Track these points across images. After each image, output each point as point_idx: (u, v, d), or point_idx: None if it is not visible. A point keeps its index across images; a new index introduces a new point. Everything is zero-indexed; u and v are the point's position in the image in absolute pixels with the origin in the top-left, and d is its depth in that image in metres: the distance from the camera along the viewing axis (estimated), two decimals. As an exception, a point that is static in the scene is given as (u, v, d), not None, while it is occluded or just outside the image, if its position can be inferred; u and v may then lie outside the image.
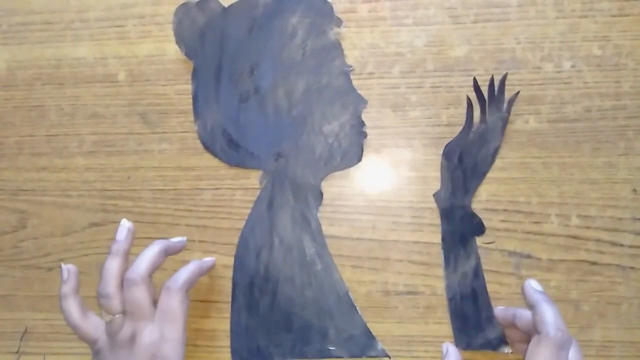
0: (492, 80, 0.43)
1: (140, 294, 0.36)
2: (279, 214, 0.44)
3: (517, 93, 0.43)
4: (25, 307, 0.47)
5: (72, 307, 0.38)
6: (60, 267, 0.39)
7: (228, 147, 0.45)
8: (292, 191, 0.44)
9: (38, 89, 0.48)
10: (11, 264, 0.47)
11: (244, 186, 0.45)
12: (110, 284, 0.37)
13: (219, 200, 0.46)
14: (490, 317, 0.42)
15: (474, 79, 0.42)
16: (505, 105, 0.43)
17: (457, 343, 0.42)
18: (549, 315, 0.34)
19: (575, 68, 0.44)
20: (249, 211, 0.45)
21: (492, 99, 0.43)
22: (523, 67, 0.44)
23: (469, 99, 0.43)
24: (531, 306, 0.35)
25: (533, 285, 0.37)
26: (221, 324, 0.44)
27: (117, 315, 0.36)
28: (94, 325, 0.38)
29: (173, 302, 0.36)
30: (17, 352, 0.47)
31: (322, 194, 0.44)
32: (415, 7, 0.45)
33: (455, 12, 0.45)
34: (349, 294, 0.43)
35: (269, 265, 0.43)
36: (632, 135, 0.43)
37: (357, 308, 0.43)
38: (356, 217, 0.44)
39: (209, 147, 0.45)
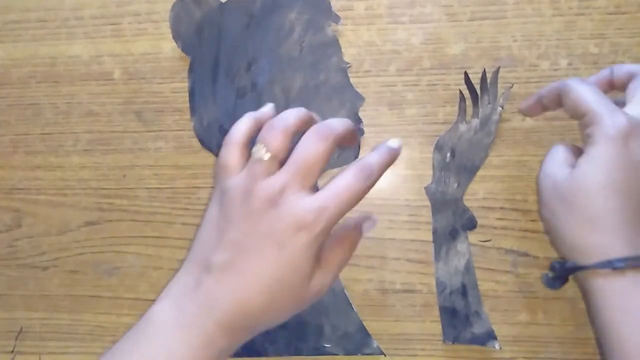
0: (484, 75, 0.43)
1: (323, 151, 0.28)
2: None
3: (511, 86, 0.43)
4: (20, 307, 0.47)
5: (245, 126, 0.32)
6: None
7: (224, 143, 0.45)
8: (288, 189, 0.44)
9: (33, 87, 0.48)
10: (6, 263, 0.47)
11: (241, 184, 0.45)
12: (290, 121, 0.29)
13: (215, 199, 0.45)
14: (480, 312, 0.42)
15: (465, 73, 0.42)
16: (500, 99, 0.43)
17: (446, 337, 0.42)
18: (584, 97, 0.32)
19: (572, 66, 0.44)
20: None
21: (484, 93, 0.43)
22: (519, 65, 0.44)
23: (461, 93, 0.43)
24: (629, 77, 0.34)
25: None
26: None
27: (271, 156, 0.29)
28: (244, 159, 0.31)
29: (357, 187, 0.28)
30: (12, 352, 0.46)
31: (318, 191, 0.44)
32: (411, 5, 0.45)
33: (451, 9, 0.45)
34: (345, 291, 0.43)
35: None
36: (628, 133, 0.43)
37: (352, 305, 0.43)
38: (353, 215, 0.44)
39: (205, 144, 0.45)
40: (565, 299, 0.42)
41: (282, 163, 0.29)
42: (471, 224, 0.43)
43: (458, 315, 0.42)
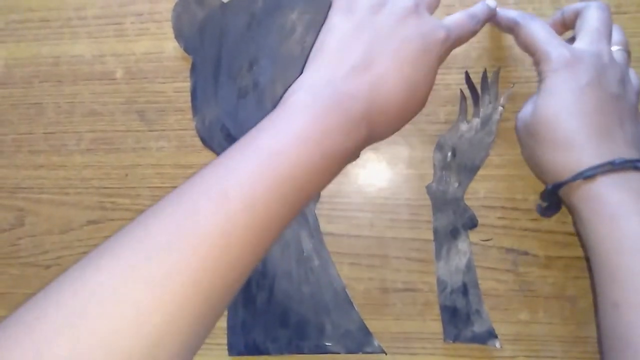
0: (484, 74, 0.43)
1: None
2: (277, 210, 0.44)
3: (512, 86, 0.43)
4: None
5: None
6: None
7: (226, 142, 0.45)
8: (290, 188, 0.44)
9: (36, 87, 0.48)
10: (9, 262, 0.47)
11: (242, 183, 0.45)
12: None
13: (217, 198, 0.46)
14: (480, 311, 0.42)
15: (466, 72, 0.42)
16: (501, 99, 0.43)
17: (446, 336, 0.42)
18: (533, 36, 0.36)
19: (573, 65, 0.44)
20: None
21: (485, 93, 0.43)
22: (520, 64, 0.44)
23: (461, 92, 0.43)
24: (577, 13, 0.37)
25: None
26: (219, 321, 0.44)
27: None
28: None
29: (470, 26, 0.36)
30: (15, 350, 0.47)
31: (319, 190, 0.44)
32: (412, 5, 0.45)
33: (452, 9, 0.45)
34: (346, 290, 0.43)
35: (266, 260, 0.44)
36: (629, 133, 0.43)
37: (353, 304, 0.43)
38: (354, 214, 0.45)
39: (207, 143, 0.45)
40: (565, 298, 0.42)
41: None
42: (472, 223, 0.43)
43: (459, 314, 0.42)
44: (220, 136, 0.45)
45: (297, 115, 0.29)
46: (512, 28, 0.38)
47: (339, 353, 0.42)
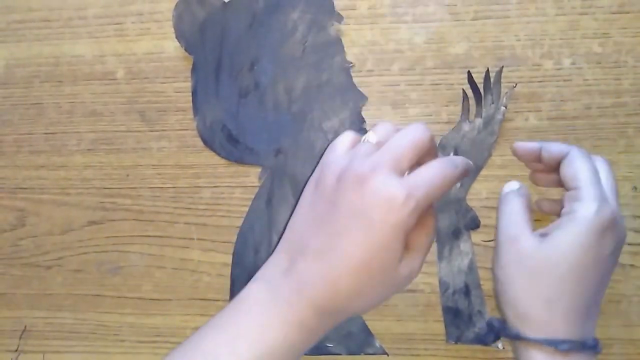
0: (487, 74, 0.42)
1: (423, 138, 0.28)
2: (278, 210, 0.44)
3: (515, 86, 0.42)
4: (24, 306, 0.47)
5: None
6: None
7: (227, 142, 0.45)
8: (291, 187, 0.44)
9: (36, 87, 0.48)
10: (10, 262, 0.47)
11: (243, 184, 0.45)
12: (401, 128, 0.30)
13: (218, 199, 0.45)
14: (483, 312, 0.42)
15: (469, 72, 0.42)
16: (503, 99, 0.42)
17: (449, 337, 0.42)
18: (584, 173, 0.31)
19: (575, 65, 0.44)
20: (248, 209, 0.45)
21: (488, 93, 0.43)
22: (523, 64, 0.44)
23: (464, 92, 0.43)
24: (560, 158, 0.33)
25: (519, 144, 0.35)
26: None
27: (377, 142, 0.29)
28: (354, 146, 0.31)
29: (446, 176, 0.28)
30: (16, 351, 0.47)
31: (321, 191, 0.44)
32: (414, 4, 0.45)
33: (454, 9, 0.44)
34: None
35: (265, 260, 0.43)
36: (632, 133, 0.43)
37: (356, 306, 0.43)
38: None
39: (208, 143, 0.45)
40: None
41: None
42: (474, 224, 0.43)
43: (461, 315, 0.42)
44: (221, 136, 0.45)
45: (256, 309, 0.29)
46: (559, 158, 0.34)
47: (341, 354, 0.42)
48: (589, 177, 0.31)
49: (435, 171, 0.28)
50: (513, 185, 0.34)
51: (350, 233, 0.28)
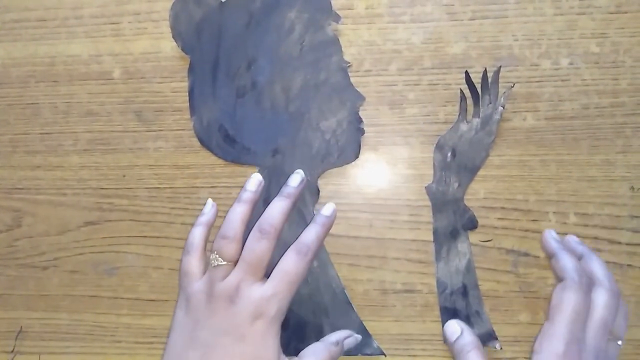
0: (485, 73, 0.42)
1: (266, 247, 0.33)
2: (275, 211, 0.44)
3: (512, 86, 0.42)
4: (20, 306, 0.47)
5: (200, 234, 0.37)
6: (207, 202, 0.39)
7: (224, 142, 0.45)
8: (289, 188, 0.44)
9: (32, 87, 0.48)
10: (6, 263, 0.47)
11: (241, 184, 0.45)
12: (236, 227, 0.34)
13: (216, 199, 0.45)
14: (480, 313, 0.42)
15: (466, 72, 0.42)
16: (501, 99, 0.42)
17: (448, 338, 0.42)
18: (568, 262, 0.33)
19: (573, 65, 0.44)
20: (245, 209, 0.45)
21: (485, 92, 0.43)
22: (520, 64, 0.44)
23: (461, 92, 0.43)
24: (550, 257, 0.35)
25: (553, 235, 0.36)
26: (217, 322, 0.44)
27: (226, 263, 0.34)
28: (203, 264, 0.35)
29: (299, 268, 0.34)
30: (12, 352, 0.46)
31: (318, 191, 0.44)
32: (412, 4, 0.45)
33: (452, 9, 0.44)
34: (345, 291, 0.43)
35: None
36: (630, 133, 0.43)
37: (352, 305, 0.43)
38: (353, 215, 0.44)
39: (205, 143, 0.45)
40: (566, 299, 0.42)
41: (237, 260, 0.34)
42: (472, 224, 0.43)
43: (459, 315, 0.42)
44: (218, 136, 0.45)
45: None
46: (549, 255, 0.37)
47: (338, 355, 0.42)
48: (566, 316, 0.31)
49: (289, 267, 0.33)
50: (456, 330, 0.37)
51: (226, 348, 0.31)
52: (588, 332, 0.32)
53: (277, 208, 0.35)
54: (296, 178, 0.37)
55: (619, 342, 0.33)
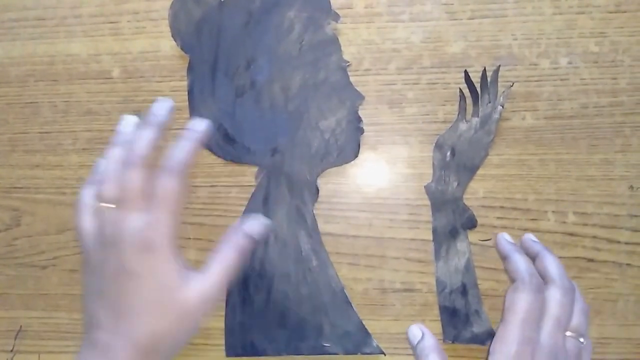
0: (484, 73, 0.42)
1: (136, 176, 0.31)
2: (275, 209, 0.44)
3: (511, 85, 0.42)
4: (19, 306, 0.47)
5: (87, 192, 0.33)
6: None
7: (224, 142, 0.45)
8: (288, 187, 0.44)
9: (31, 86, 0.47)
10: (5, 262, 0.47)
11: (240, 183, 0.45)
12: (110, 165, 0.32)
13: (215, 198, 0.45)
14: (480, 312, 0.42)
15: (465, 71, 0.42)
16: (500, 98, 0.42)
17: (445, 336, 0.42)
18: (519, 264, 0.33)
19: (572, 64, 0.44)
20: (244, 208, 0.45)
21: (485, 92, 0.43)
22: (520, 63, 0.44)
23: (461, 91, 0.43)
24: (503, 258, 0.34)
25: (506, 237, 0.35)
26: (217, 322, 0.44)
27: (108, 205, 0.31)
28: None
29: (174, 186, 0.31)
30: (11, 351, 0.46)
31: (318, 190, 0.44)
32: (411, 3, 0.45)
33: (451, 8, 0.44)
34: (345, 290, 0.43)
35: (264, 261, 0.43)
36: (628, 132, 0.43)
37: (352, 304, 0.43)
38: (352, 214, 0.44)
39: (204, 142, 0.45)
40: (565, 298, 0.42)
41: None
42: (471, 223, 0.43)
43: (458, 314, 0.42)
44: (217, 135, 0.45)
45: None
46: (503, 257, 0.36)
47: (338, 354, 0.42)
48: (518, 316, 0.31)
49: (163, 184, 0.31)
50: (417, 334, 0.35)
51: (127, 292, 0.30)
52: (542, 331, 0.31)
53: (143, 138, 0.33)
54: (162, 106, 0.35)
55: (581, 340, 0.32)
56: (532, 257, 0.35)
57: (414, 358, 0.35)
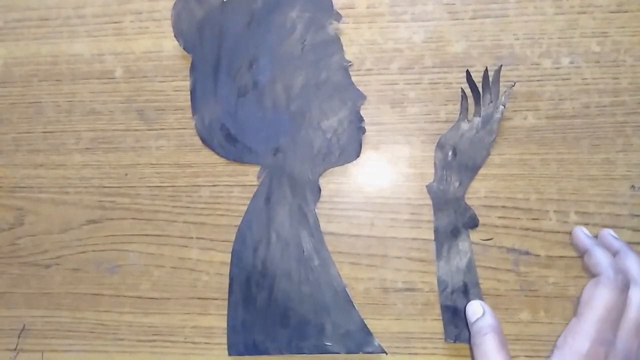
0: (486, 72, 0.42)
1: None
2: (277, 209, 0.44)
3: (513, 85, 0.42)
4: (22, 305, 0.47)
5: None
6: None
7: (226, 141, 0.45)
8: (290, 186, 0.44)
9: (35, 86, 0.48)
10: (8, 261, 0.47)
11: (242, 183, 0.45)
12: None
13: (217, 197, 0.45)
14: None
15: (467, 71, 0.42)
16: (502, 98, 0.42)
17: (447, 336, 0.42)
18: (603, 258, 0.31)
19: (574, 64, 0.44)
20: (246, 208, 0.45)
21: (486, 91, 0.43)
22: (521, 63, 0.44)
23: (463, 91, 0.43)
24: (583, 253, 0.33)
25: (584, 231, 0.34)
26: (219, 321, 0.44)
27: None
28: None
29: None
30: (15, 350, 0.47)
31: (320, 189, 0.44)
32: (413, 3, 0.45)
33: (453, 7, 0.44)
34: (346, 289, 0.43)
35: (266, 260, 0.43)
36: (630, 132, 0.43)
37: (354, 304, 0.43)
38: (354, 213, 0.44)
39: (206, 142, 0.45)
40: (566, 298, 0.42)
41: None
42: (473, 223, 0.43)
43: (459, 313, 0.42)
44: (219, 135, 0.45)
45: None
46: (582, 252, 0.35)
47: (339, 353, 0.42)
48: (597, 313, 0.29)
49: None
50: (478, 311, 0.34)
51: None
52: (619, 334, 0.29)
53: None
54: None
55: None
56: (612, 254, 0.33)
57: (471, 336, 0.33)
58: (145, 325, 0.45)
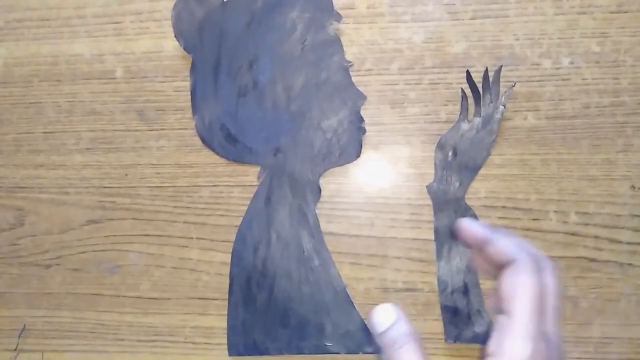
0: (486, 73, 0.42)
1: None
2: (277, 209, 0.44)
3: (513, 85, 0.42)
4: (23, 305, 0.47)
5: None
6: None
7: (226, 142, 0.45)
8: (290, 186, 0.44)
9: (35, 86, 0.48)
10: (9, 262, 0.47)
11: (242, 183, 0.45)
12: None
13: (217, 197, 0.46)
14: (481, 311, 0.42)
15: (467, 71, 0.42)
16: (502, 98, 0.42)
17: (447, 336, 0.42)
18: (509, 242, 0.26)
19: (574, 64, 0.44)
20: (246, 208, 0.45)
21: (486, 92, 0.43)
22: (521, 63, 0.44)
23: (463, 91, 0.43)
24: (481, 244, 0.27)
25: (468, 221, 0.28)
26: (219, 321, 0.44)
27: None
28: None
29: None
30: (15, 350, 0.47)
31: (320, 190, 0.44)
32: (413, 4, 0.45)
33: (453, 8, 0.44)
34: (346, 289, 0.43)
35: (266, 260, 0.43)
36: (630, 132, 0.43)
37: (354, 304, 0.43)
38: (354, 214, 0.44)
39: (207, 142, 0.45)
40: (567, 298, 0.42)
41: None
42: (473, 223, 0.43)
43: (460, 314, 0.42)
44: (220, 135, 0.45)
45: None
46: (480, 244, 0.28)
47: (339, 353, 0.42)
48: (528, 305, 0.24)
49: None
50: (389, 317, 0.27)
51: None
52: (549, 324, 0.25)
53: None
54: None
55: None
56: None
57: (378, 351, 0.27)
58: (145, 326, 0.45)
